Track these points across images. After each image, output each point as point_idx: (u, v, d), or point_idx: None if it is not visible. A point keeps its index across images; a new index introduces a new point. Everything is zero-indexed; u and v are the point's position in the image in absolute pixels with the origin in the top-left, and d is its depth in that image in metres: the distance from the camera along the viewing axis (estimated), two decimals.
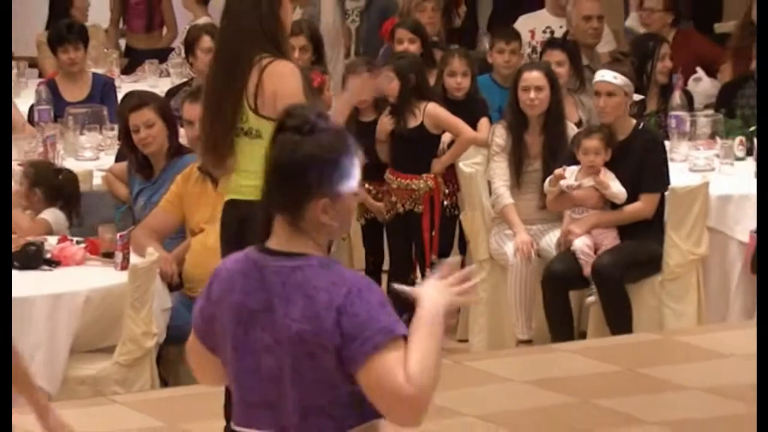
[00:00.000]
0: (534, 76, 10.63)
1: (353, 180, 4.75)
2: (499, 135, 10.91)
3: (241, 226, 7.97)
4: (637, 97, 11.08)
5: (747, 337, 10.12)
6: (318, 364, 4.68)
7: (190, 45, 12.54)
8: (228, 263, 5.10)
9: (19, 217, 9.78)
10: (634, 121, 10.73)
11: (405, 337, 4.65)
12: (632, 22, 14.07)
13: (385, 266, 11.57)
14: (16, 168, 10.14)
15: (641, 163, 10.55)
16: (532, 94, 10.54)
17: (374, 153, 10.85)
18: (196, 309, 5.04)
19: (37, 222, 9.90)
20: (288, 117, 4.73)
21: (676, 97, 11.88)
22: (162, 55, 14.78)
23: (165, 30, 15.56)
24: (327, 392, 4.71)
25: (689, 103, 11.90)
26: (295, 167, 4.71)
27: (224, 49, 8.28)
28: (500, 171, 10.82)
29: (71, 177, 10.14)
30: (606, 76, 10.65)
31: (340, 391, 4.70)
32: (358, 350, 4.61)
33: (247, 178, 7.84)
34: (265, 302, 4.79)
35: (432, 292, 4.67)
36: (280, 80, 7.86)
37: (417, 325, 4.63)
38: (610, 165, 10.46)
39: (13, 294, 5.80)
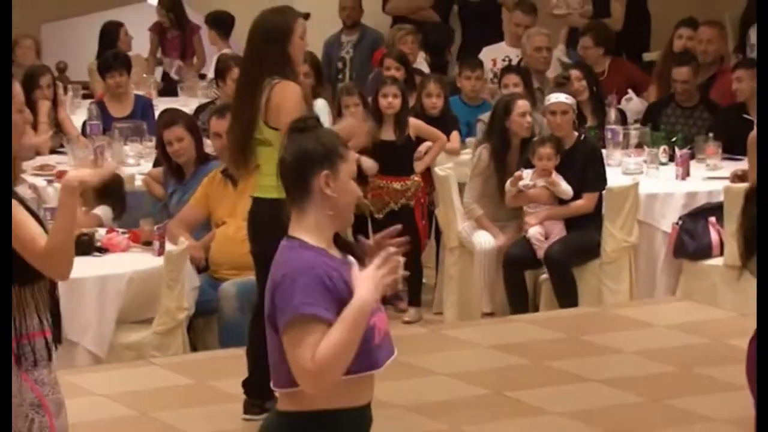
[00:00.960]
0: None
1: (349, 160, 4.71)
2: (483, 159, 10.85)
3: (262, 218, 7.99)
4: None
5: (670, 310, 10.23)
6: (268, 324, 4.66)
7: (220, 72, 12.46)
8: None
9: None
10: (576, 133, 10.73)
11: (321, 318, 4.52)
12: (559, 53, 14.03)
13: None
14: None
15: (584, 167, 10.56)
16: (528, 118, 10.64)
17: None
18: None
19: (89, 216, 9.83)
20: (293, 123, 4.74)
21: (612, 113, 11.88)
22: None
23: (195, 59, 15.48)
24: (274, 346, 4.68)
25: (622, 118, 11.89)
26: (299, 151, 4.67)
27: (245, 75, 8.29)
28: (476, 189, 10.85)
29: (117, 179, 10.13)
30: (560, 97, 10.66)
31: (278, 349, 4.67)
32: (279, 321, 4.57)
33: (264, 179, 7.87)
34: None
35: (364, 285, 4.54)
36: (283, 97, 7.85)
37: (344, 313, 4.50)
38: (558, 168, 10.47)
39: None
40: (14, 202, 5.34)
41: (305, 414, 4.65)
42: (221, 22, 14.56)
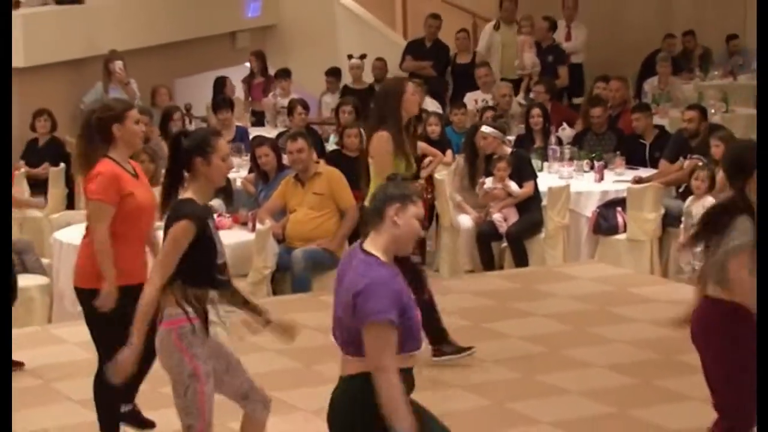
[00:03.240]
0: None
1: (414, 200, 4.41)
2: (460, 164, 10.90)
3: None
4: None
5: (590, 269, 10.24)
6: (343, 312, 4.34)
7: (290, 110, 12.56)
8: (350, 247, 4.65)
9: None
10: (507, 148, 10.68)
11: (394, 323, 4.21)
12: (519, 98, 14.03)
13: None
14: None
15: (519, 167, 10.44)
16: (488, 139, 10.51)
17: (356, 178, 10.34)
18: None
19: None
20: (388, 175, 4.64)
21: (552, 139, 11.84)
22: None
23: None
24: (354, 336, 4.31)
25: (560, 142, 11.88)
26: (384, 189, 4.43)
27: (369, 120, 7.97)
28: (456, 184, 10.82)
29: (227, 181, 10.12)
30: (486, 129, 10.55)
31: (353, 330, 4.31)
32: (362, 318, 4.23)
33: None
34: (343, 273, 4.43)
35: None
36: (377, 142, 7.48)
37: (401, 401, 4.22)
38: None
39: None
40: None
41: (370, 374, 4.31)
42: (287, 75, 14.51)
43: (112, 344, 5.45)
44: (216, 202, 9.98)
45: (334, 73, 14.50)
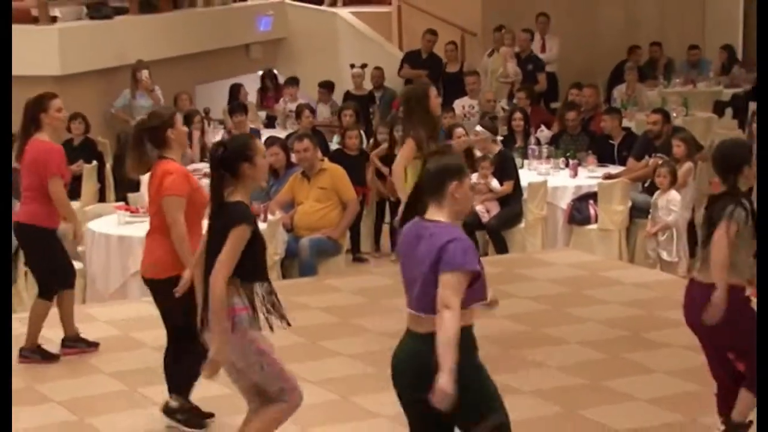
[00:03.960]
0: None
1: (467, 174, 4.49)
2: None
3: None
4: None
5: (565, 255, 10.20)
6: (428, 269, 4.33)
7: (298, 114, 12.51)
8: (407, 224, 4.65)
9: None
10: (497, 147, 10.61)
11: (476, 271, 4.32)
12: (502, 102, 13.98)
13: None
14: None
15: (502, 167, 10.39)
16: (462, 138, 10.32)
17: (357, 175, 10.46)
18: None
19: None
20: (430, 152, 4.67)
21: (532, 139, 11.79)
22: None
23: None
24: (431, 290, 4.32)
25: (538, 142, 11.83)
26: (440, 166, 4.46)
27: (403, 127, 7.91)
28: None
29: None
30: (477, 128, 10.54)
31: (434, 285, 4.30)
32: (442, 269, 4.28)
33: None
34: (415, 241, 4.42)
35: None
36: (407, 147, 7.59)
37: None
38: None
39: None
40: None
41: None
42: (294, 82, 14.43)
43: (187, 325, 5.52)
44: None
45: (326, 86, 14.42)
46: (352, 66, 14.59)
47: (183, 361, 6.01)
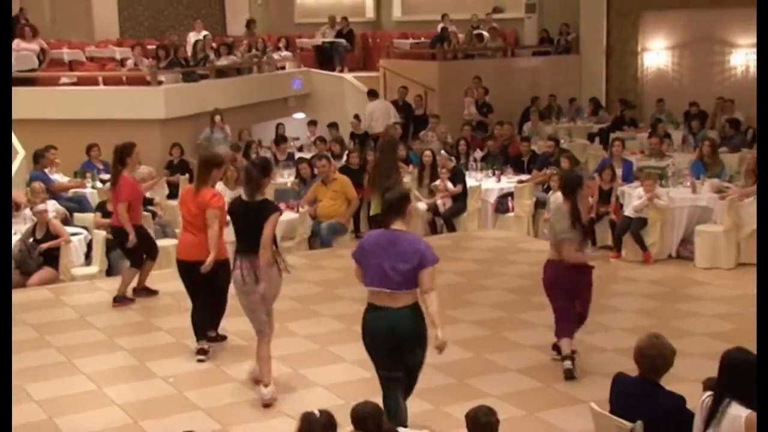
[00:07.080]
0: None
1: (412, 199, 4.57)
2: (415, 173, 10.62)
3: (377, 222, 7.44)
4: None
5: (492, 234, 9.96)
6: (417, 264, 4.26)
7: (316, 143, 12.40)
8: (371, 233, 4.52)
9: None
10: (451, 163, 10.53)
11: (436, 262, 4.30)
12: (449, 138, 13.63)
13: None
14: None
15: (455, 176, 10.25)
16: (428, 158, 10.27)
17: (357, 181, 10.05)
18: (355, 249, 4.49)
19: None
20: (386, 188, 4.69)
21: (471, 158, 11.55)
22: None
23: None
24: (410, 277, 4.28)
25: (475, 159, 11.58)
26: (401, 196, 4.46)
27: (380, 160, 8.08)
28: (416, 184, 10.52)
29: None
30: (426, 152, 10.44)
31: (412, 278, 4.27)
32: (424, 265, 4.25)
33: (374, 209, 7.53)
34: (389, 244, 4.32)
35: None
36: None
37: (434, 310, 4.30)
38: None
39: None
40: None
41: (417, 303, 4.35)
42: (314, 123, 14.09)
43: (210, 292, 5.87)
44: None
45: (333, 125, 13.86)
46: (356, 116, 14.48)
47: (202, 313, 5.99)
